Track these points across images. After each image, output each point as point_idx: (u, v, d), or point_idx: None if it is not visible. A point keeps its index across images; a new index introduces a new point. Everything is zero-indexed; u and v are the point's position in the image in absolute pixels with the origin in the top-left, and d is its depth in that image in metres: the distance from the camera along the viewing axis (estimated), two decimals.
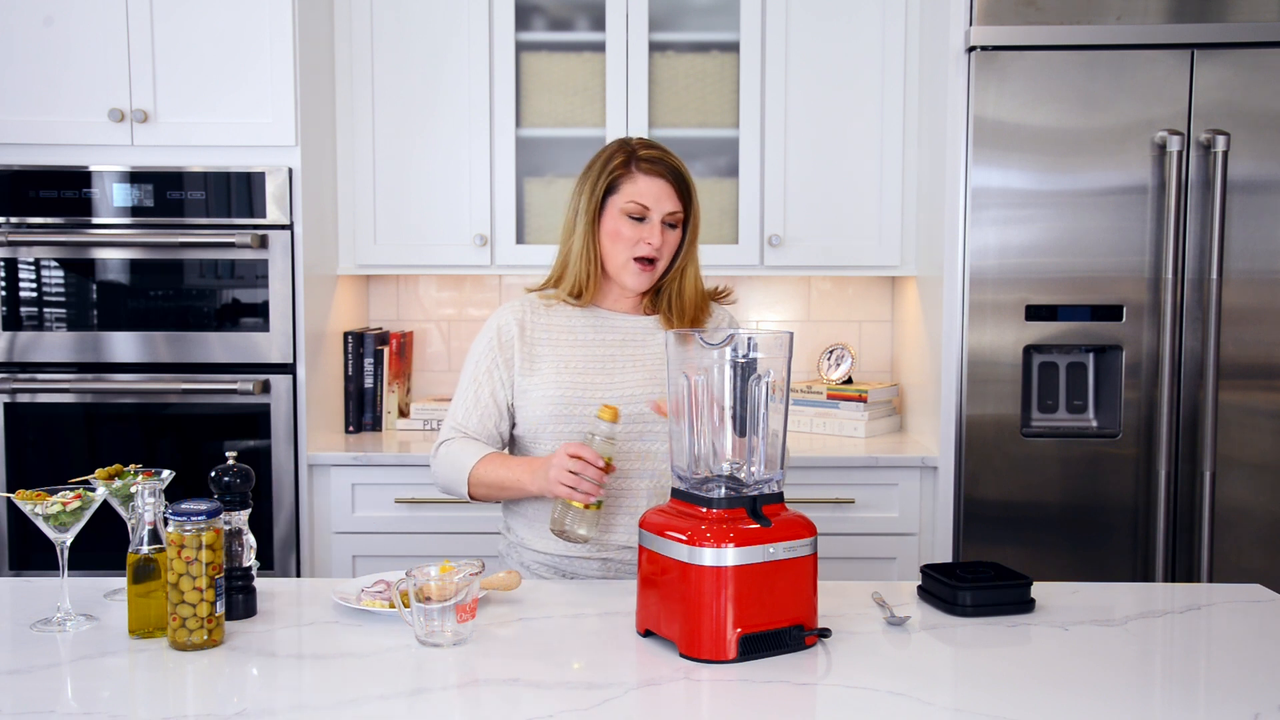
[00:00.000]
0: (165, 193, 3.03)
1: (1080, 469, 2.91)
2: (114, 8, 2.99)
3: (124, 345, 3.06)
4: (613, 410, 1.89)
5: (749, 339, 1.65)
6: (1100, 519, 2.91)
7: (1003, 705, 1.42)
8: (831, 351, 3.57)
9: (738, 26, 3.27)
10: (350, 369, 3.42)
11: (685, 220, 2.09)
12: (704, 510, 1.61)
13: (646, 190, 2.03)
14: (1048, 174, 2.88)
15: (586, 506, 1.88)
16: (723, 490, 1.63)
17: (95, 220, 3.05)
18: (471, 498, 2.06)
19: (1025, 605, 1.80)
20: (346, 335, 3.42)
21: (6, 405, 3.06)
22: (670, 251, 2.08)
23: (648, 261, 2.05)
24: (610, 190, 2.05)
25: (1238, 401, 2.89)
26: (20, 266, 3.05)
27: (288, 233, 3.04)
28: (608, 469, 1.87)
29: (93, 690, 1.48)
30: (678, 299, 2.11)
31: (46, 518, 1.68)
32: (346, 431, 3.42)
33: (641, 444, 2.03)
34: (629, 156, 2.05)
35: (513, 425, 2.12)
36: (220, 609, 1.62)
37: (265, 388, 3.04)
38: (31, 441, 3.08)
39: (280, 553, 3.06)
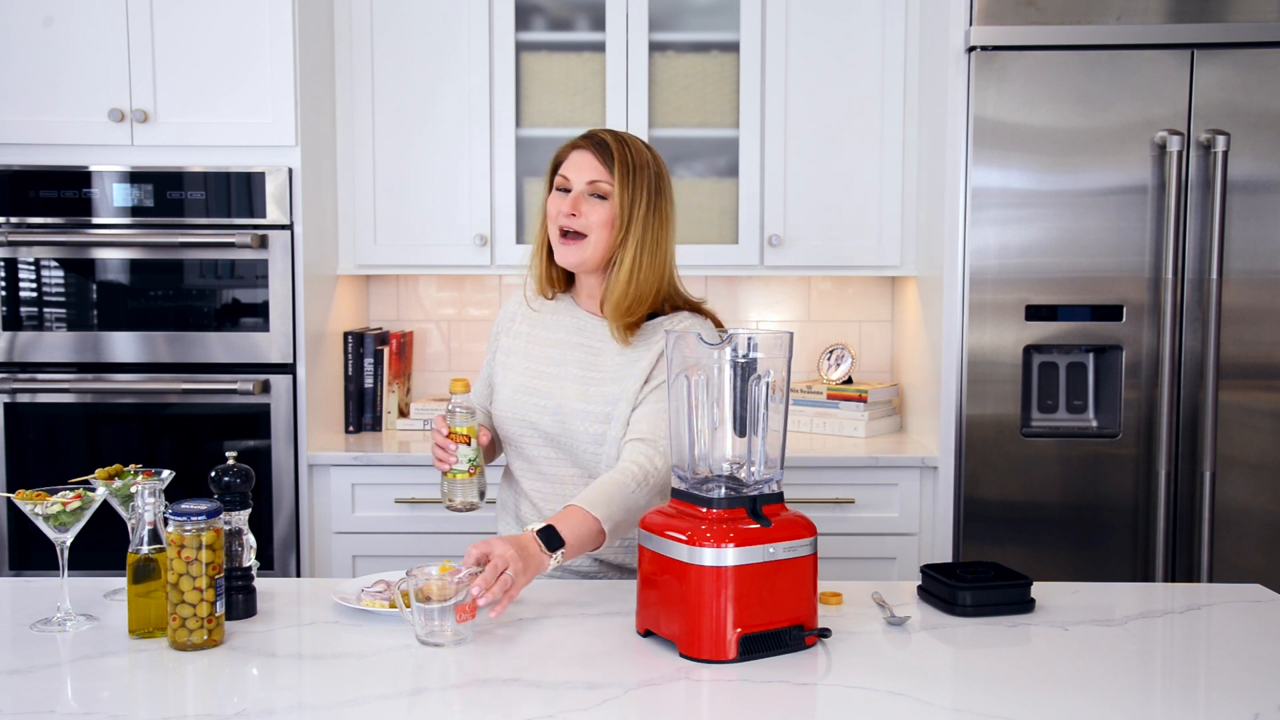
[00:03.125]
0: (165, 193, 3.03)
1: (1080, 469, 2.91)
2: (114, 8, 2.99)
3: (124, 345, 3.06)
4: (462, 382, 1.92)
5: (749, 339, 1.65)
6: (1100, 519, 2.91)
7: (1003, 705, 1.42)
8: (831, 351, 3.57)
9: (738, 26, 3.27)
10: (350, 369, 3.42)
11: (623, 196, 1.96)
12: (704, 510, 1.61)
13: (571, 161, 2.01)
14: (1048, 174, 2.88)
15: (470, 474, 1.92)
16: (723, 490, 1.63)
17: (95, 220, 3.05)
18: None
19: (1025, 605, 1.80)
20: (346, 335, 3.42)
21: (6, 405, 3.06)
22: (597, 225, 1.96)
23: (569, 234, 1.98)
24: (554, 174, 2.05)
25: (1238, 401, 2.89)
26: (20, 266, 3.05)
27: (288, 233, 3.04)
28: (464, 438, 1.89)
29: (93, 690, 1.48)
30: (609, 290, 1.99)
31: (46, 518, 1.68)
32: (346, 431, 3.42)
33: (596, 446, 1.99)
34: (577, 139, 2.05)
35: None
36: (220, 609, 1.61)
37: (265, 388, 3.04)
38: (31, 441, 3.08)
39: (280, 553, 3.06)
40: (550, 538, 1.75)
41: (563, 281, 2.11)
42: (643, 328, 2.02)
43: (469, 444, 1.91)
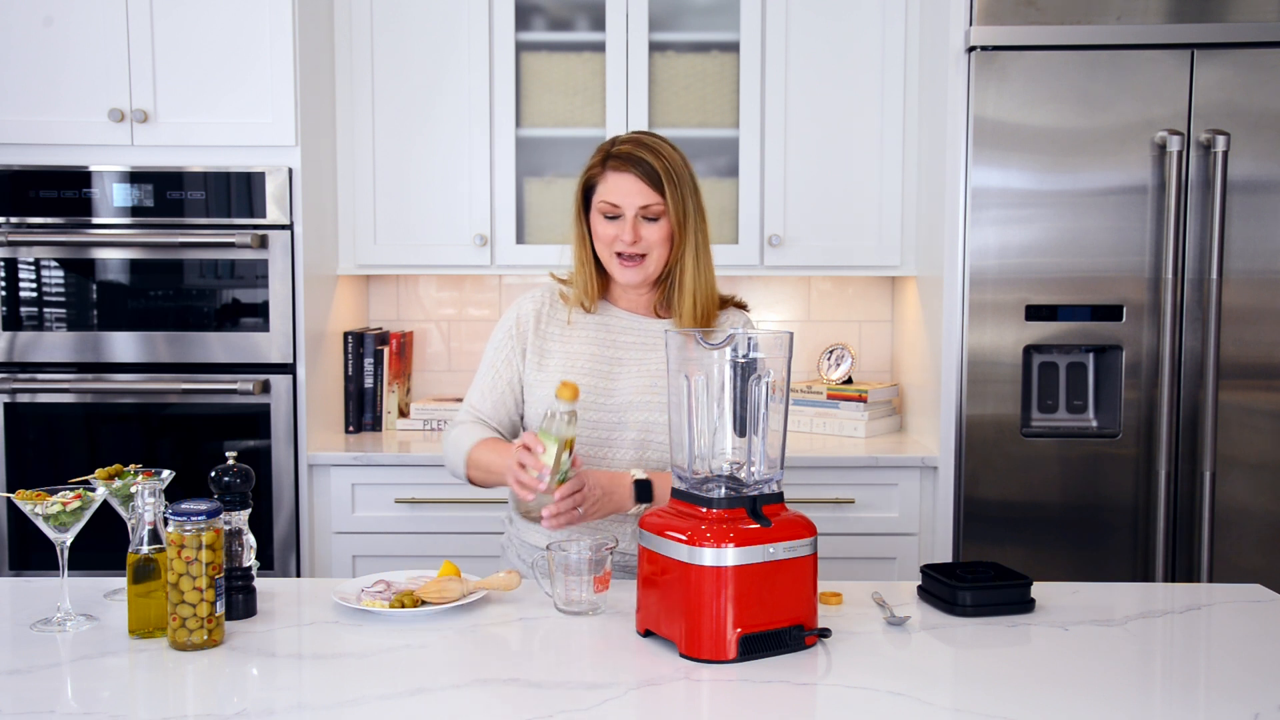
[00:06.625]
0: (165, 193, 3.03)
1: (1080, 469, 2.91)
2: (114, 8, 2.99)
3: (124, 345, 3.06)
4: (572, 388, 1.82)
5: (749, 339, 1.65)
6: (1100, 519, 2.91)
7: (1003, 705, 1.42)
8: (831, 351, 3.57)
9: (738, 26, 3.27)
10: (350, 369, 3.42)
11: (676, 212, 2.02)
12: (704, 510, 1.61)
13: (615, 187, 2.01)
14: (1048, 174, 2.88)
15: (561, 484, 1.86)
16: (723, 490, 1.63)
17: (95, 220, 3.05)
18: (470, 481, 2.08)
19: (1025, 605, 1.80)
20: (346, 335, 3.42)
21: (6, 405, 3.06)
22: (656, 244, 2.03)
23: (629, 257, 2.03)
24: (589, 191, 2.06)
25: (1238, 401, 2.89)
26: (20, 266, 3.05)
27: (288, 233, 3.04)
28: (569, 444, 1.83)
29: (93, 690, 1.48)
30: (678, 295, 2.07)
31: (46, 518, 1.68)
32: (346, 431, 3.42)
33: (639, 453, 2.03)
34: (605, 155, 2.05)
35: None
36: (220, 609, 1.62)
37: (265, 388, 3.04)
38: (31, 441, 3.08)
39: (280, 553, 3.06)
40: (643, 491, 1.94)
41: (602, 291, 2.13)
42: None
43: (569, 451, 1.83)
